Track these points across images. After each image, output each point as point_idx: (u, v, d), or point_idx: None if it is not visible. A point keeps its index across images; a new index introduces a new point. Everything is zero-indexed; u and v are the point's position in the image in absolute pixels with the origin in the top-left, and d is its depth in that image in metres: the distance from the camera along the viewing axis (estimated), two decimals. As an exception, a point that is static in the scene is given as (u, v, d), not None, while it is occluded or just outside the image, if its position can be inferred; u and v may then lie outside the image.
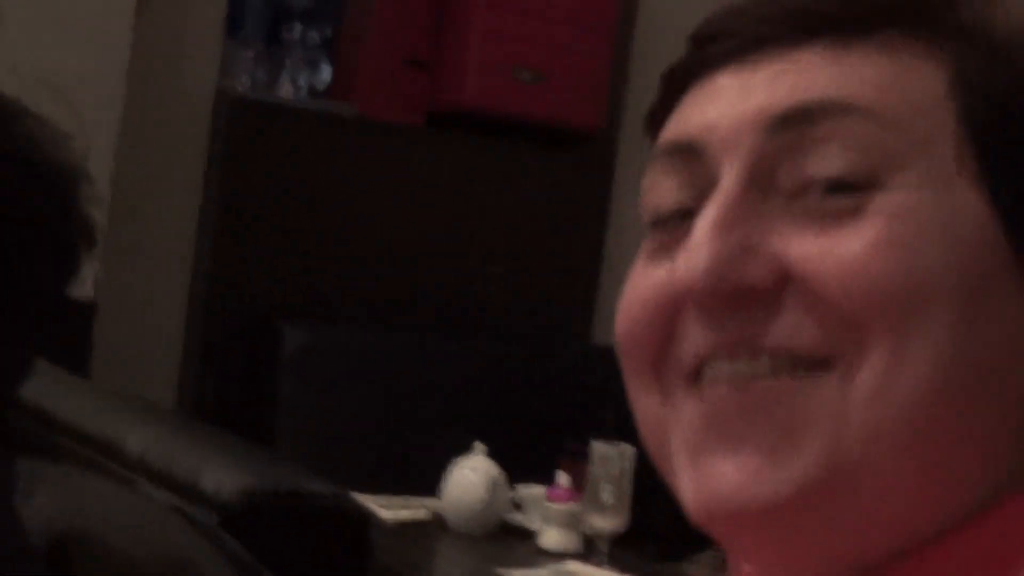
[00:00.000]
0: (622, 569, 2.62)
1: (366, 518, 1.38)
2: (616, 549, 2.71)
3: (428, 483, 2.89)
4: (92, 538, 1.27)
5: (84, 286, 3.17)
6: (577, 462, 2.83)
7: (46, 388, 1.80)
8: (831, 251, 0.61)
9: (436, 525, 2.83)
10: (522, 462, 2.91)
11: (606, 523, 2.69)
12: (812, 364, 0.61)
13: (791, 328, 0.62)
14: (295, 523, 1.31)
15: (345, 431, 3.48)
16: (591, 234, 4.20)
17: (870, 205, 0.62)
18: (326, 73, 3.98)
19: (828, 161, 0.63)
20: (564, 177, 4.17)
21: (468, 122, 3.97)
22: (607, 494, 2.67)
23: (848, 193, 0.62)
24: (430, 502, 2.87)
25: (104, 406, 1.71)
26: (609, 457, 2.69)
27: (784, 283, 0.62)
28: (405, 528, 2.75)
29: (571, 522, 2.73)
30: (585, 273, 4.16)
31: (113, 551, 1.25)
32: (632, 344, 0.68)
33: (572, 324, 4.15)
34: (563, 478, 2.79)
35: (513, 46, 3.85)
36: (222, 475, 1.32)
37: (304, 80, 3.95)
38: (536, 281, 4.08)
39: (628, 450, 2.67)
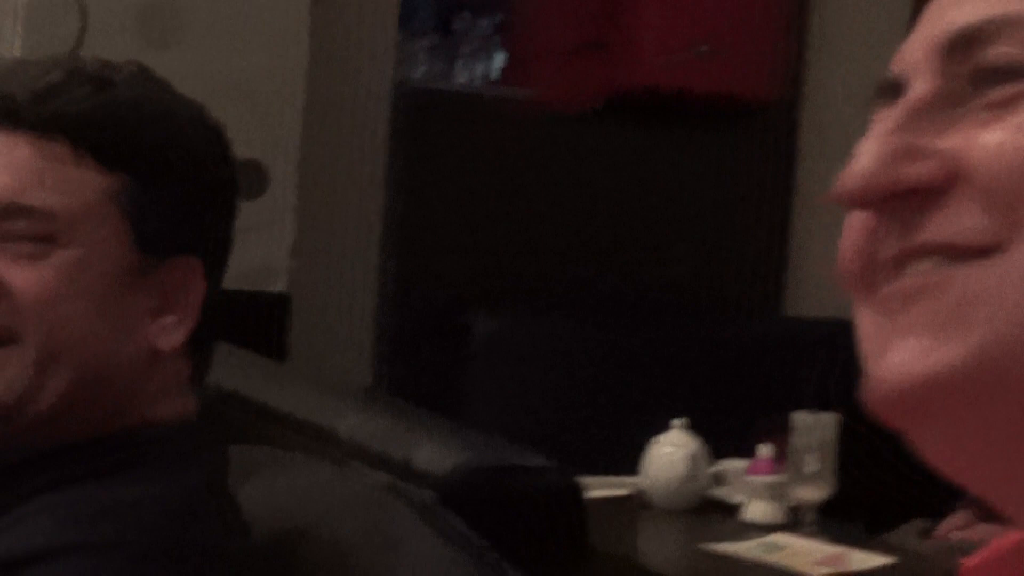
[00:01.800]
0: (831, 539, 2.58)
1: (582, 492, 1.38)
2: (822, 519, 2.67)
3: (625, 464, 2.88)
4: (309, 519, 1.29)
5: (279, 280, 3.23)
6: (777, 434, 2.80)
7: (253, 378, 1.84)
8: (998, 141, 0.63)
9: (637, 502, 2.82)
10: (720, 436, 2.88)
11: (811, 493, 2.66)
12: (976, 253, 0.62)
13: (955, 221, 0.63)
14: (512, 498, 1.31)
15: (536, 417, 3.49)
16: (776, 205, 4.14)
17: None
18: (500, 60, 3.99)
19: (1000, 54, 0.64)
20: (745, 150, 4.12)
21: (645, 102, 3.94)
22: (811, 464, 2.64)
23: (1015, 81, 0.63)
24: (630, 480, 2.86)
25: (310, 393, 1.73)
26: (811, 426, 2.66)
27: (954, 179, 0.63)
28: (606, 505, 2.74)
29: (775, 494, 2.70)
30: (772, 245, 4.11)
31: (330, 531, 1.27)
32: (841, 263, 0.68)
33: (761, 298, 4.10)
34: (765, 450, 2.76)
35: (687, 20, 3.81)
36: (436, 452, 1.33)
37: (479, 68, 3.96)
38: (722, 256, 4.04)
39: (829, 419, 2.63)
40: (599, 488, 2.82)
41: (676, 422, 2.84)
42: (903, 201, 0.64)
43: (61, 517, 1.07)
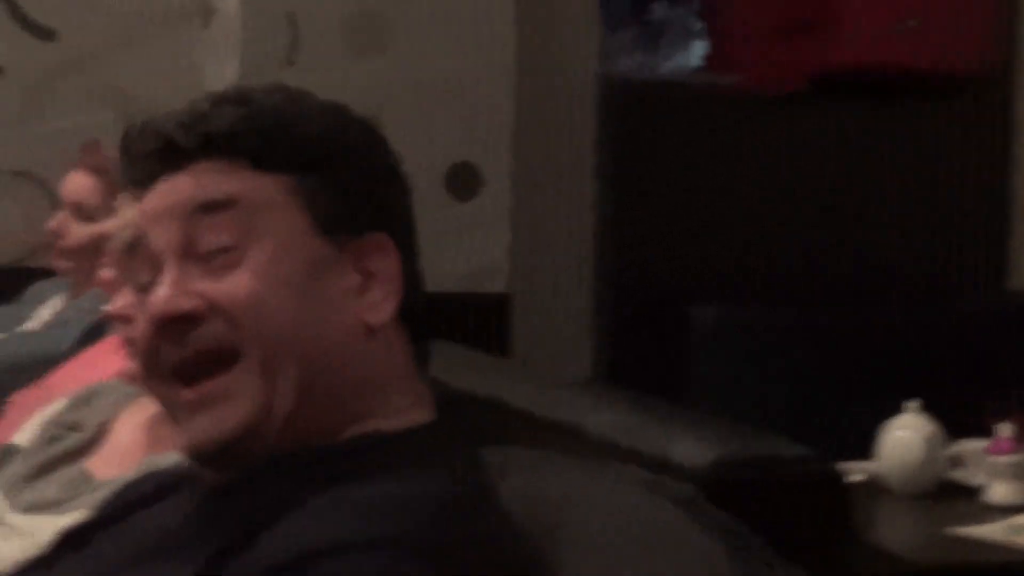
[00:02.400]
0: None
1: (842, 480, 1.35)
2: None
3: (856, 450, 2.83)
4: (568, 517, 1.29)
5: (498, 280, 3.25)
6: (1014, 411, 2.72)
7: (486, 377, 1.85)
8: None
9: (873, 488, 2.76)
10: (953, 417, 2.81)
11: (1056, 472, 2.58)
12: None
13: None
14: (775, 489, 1.29)
15: (762, 407, 3.44)
16: (994, 178, 4.03)
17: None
18: (702, 47, 3.96)
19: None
20: (959, 124, 4.02)
21: (854, 81, 3.86)
22: (1056, 442, 2.56)
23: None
24: (864, 465, 2.80)
25: (547, 390, 1.74)
26: (1052, 403, 2.58)
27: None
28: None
29: (1018, 473, 2.62)
30: (992, 219, 4.00)
31: (590, 529, 1.27)
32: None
33: (983, 273, 4.00)
34: (1005, 429, 2.68)
35: (893, -5, 3.73)
36: (693, 446, 1.32)
37: (681, 56, 3.94)
38: (941, 234, 3.95)
39: (1071, 394, 2.55)
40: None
41: (909, 404, 2.78)
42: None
43: (345, 513, 1.09)
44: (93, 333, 2.92)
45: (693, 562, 1.15)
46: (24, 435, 2.04)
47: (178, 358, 1.20)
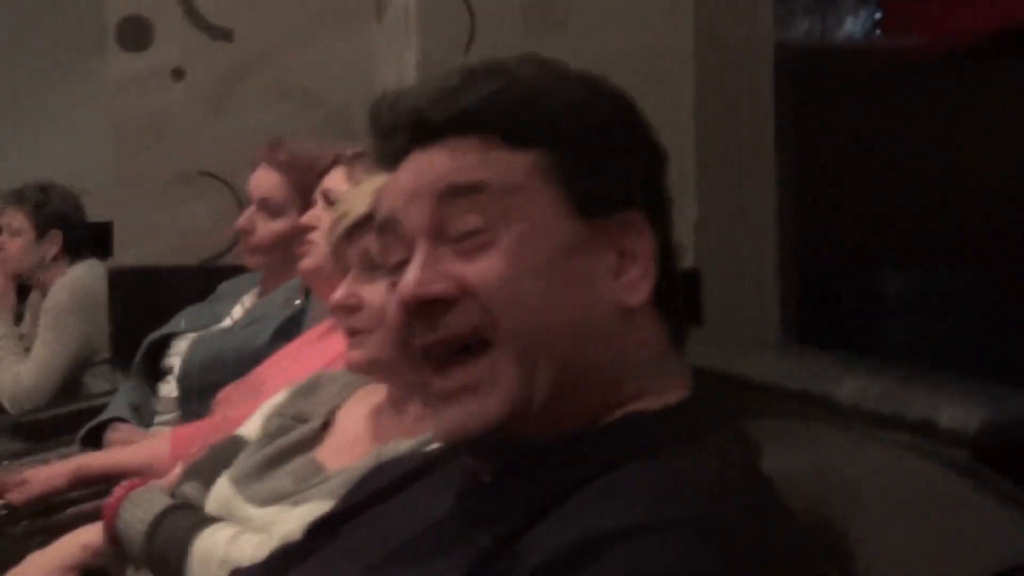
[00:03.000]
0: None
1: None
2: None
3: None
4: (838, 487, 1.25)
5: (687, 256, 3.21)
6: None
7: (716, 353, 1.81)
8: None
9: None
10: None
11: None
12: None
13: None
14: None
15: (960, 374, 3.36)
16: None
17: None
18: (875, 9, 3.88)
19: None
20: None
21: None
22: None
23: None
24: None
25: (790, 362, 1.70)
26: None
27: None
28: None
29: None
30: None
31: (866, 493, 1.23)
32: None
33: None
34: None
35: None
36: (961, 410, 1.27)
37: (855, 19, 3.86)
38: None
39: None
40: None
41: None
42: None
43: (628, 496, 1.06)
44: (287, 327, 2.95)
45: (986, 531, 1.11)
46: (249, 428, 2.05)
47: (429, 342, 1.17)
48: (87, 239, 4.16)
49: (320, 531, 1.42)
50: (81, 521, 2.26)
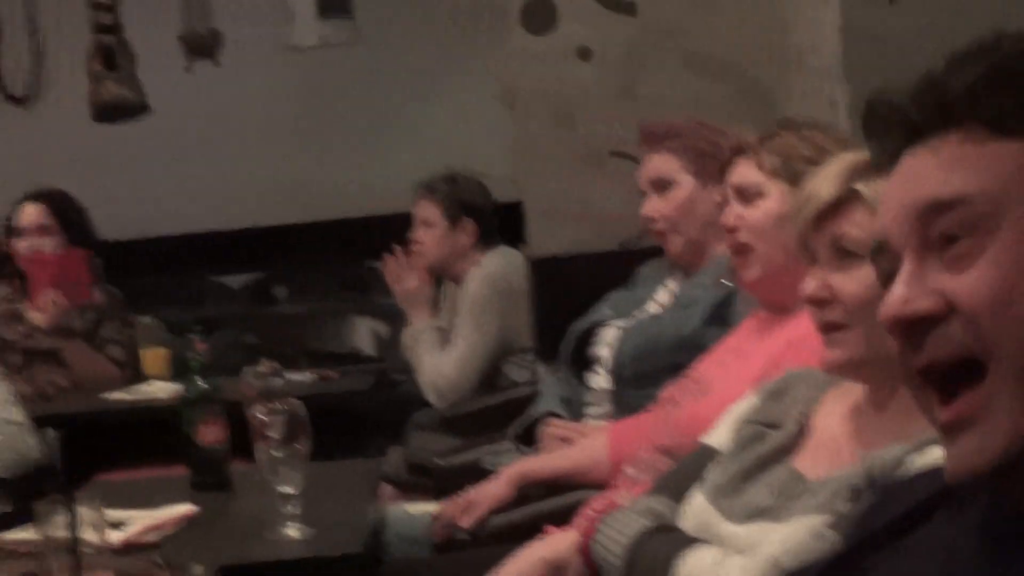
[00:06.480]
0: None
1: None
2: None
3: None
4: None
5: None
6: None
7: None
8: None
9: None
10: None
11: None
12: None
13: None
14: None
15: None
16: None
17: None
18: None
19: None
20: None
21: None
22: None
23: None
24: None
25: None
26: None
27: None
28: None
29: None
30: None
31: None
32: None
33: None
34: None
35: None
36: None
37: None
38: None
39: None
40: None
41: None
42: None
43: None
44: (719, 311, 2.82)
45: None
46: (717, 436, 1.93)
47: (923, 363, 1.05)
48: (498, 227, 4.13)
49: (835, 573, 1.27)
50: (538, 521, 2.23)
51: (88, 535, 1.67)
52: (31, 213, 4.54)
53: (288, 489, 2.37)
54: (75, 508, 1.75)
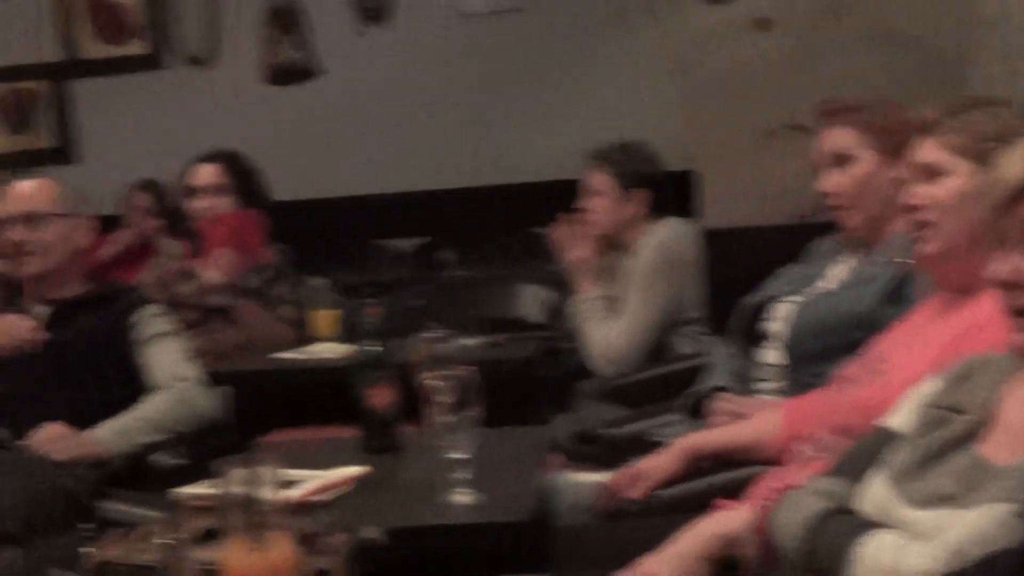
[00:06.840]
0: None
1: None
2: None
3: None
4: None
5: None
6: None
7: None
8: None
9: None
10: None
11: None
12: None
13: None
14: None
15: None
16: None
17: None
18: None
19: None
20: None
21: None
22: None
23: None
24: None
25: None
26: None
27: None
28: None
29: None
30: None
31: None
32: None
33: None
34: None
35: None
36: None
37: None
38: None
39: None
40: None
41: None
42: None
43: None
44: (896, 289, 2.76)
45: None
46: (898, 419, 1.88)
47: None
48: (670, 197, 4.09)
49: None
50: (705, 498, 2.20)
51: (265, 493, 1.69)
52: (206, 173, 4.63)
53: (458, 454, 2.37)
54: (252, 466, 1.77)
